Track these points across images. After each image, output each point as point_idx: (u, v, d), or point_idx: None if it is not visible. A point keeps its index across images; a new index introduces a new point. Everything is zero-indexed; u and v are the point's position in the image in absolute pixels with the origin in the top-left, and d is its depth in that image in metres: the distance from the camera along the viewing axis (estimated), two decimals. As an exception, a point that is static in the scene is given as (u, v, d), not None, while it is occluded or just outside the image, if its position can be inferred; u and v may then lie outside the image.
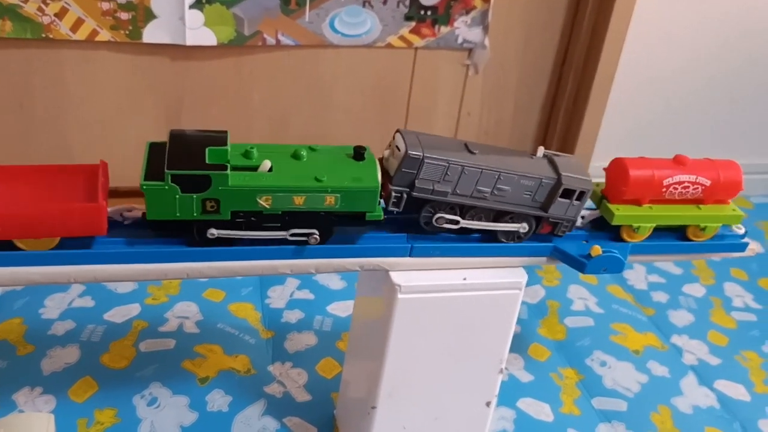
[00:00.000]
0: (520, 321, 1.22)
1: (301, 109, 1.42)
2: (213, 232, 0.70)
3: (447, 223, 0.77)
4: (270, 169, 0.70)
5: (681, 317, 1.29)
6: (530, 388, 1.08)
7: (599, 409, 1.06)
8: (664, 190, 0.84)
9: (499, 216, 0.79)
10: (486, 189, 0.77)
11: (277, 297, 1.20)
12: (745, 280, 1.42)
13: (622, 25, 1.43)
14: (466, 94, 1.50)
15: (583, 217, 0.85)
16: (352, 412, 0.92)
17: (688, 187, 0.85)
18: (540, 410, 1.05)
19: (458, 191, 0.76)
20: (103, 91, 1.29)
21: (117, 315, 1.11)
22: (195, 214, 0.69)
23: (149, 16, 1.23)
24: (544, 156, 0.81)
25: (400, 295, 0.76)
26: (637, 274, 1.39)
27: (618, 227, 0.85)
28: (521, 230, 0.80)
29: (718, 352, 1.21)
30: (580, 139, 1.53)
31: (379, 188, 0.72)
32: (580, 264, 0.80)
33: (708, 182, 0.85)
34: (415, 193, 0.75)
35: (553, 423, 1.03)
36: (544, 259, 0.83)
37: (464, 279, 0.79)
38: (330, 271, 0.76)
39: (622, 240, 0.85)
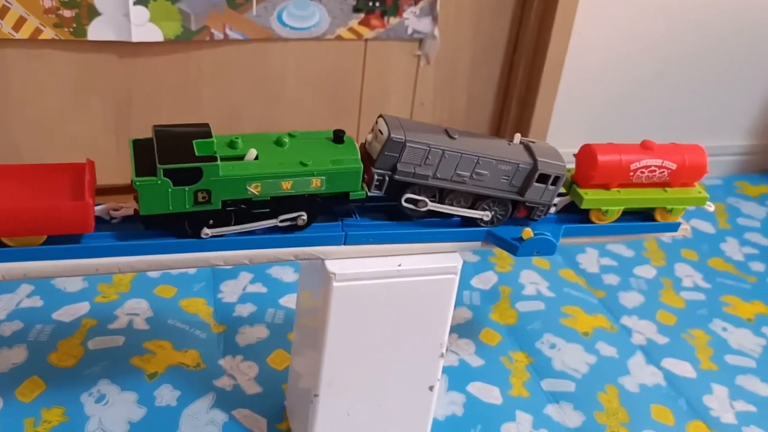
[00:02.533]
0: (472, 307, 1.24)
1: (252, 104, 1.43)
2: (207, 232, 0.73)
3: (423, 206, 0.80)
4: (256, 158, 0.73)
5: (631, 299, 1.31)
6: (480, 373, 1.10)
7: (548, 391, 1.08)
8: (631, 174, 0.87)
9: (477, 200, 0.82)
10: (465, 173, 0.79)
11: (230, 291, 1.20)
12: (695, 260, 1.45)
13: (569, 12, 1.45)
14: (418, 85, 1.51)
15: (555, 204, 0.88)
16: (299, 401, 0.93)
17: (655, 170, 0.87)
18: (489, 393, 1.06)
19: (438, 175, 0.79)
20: (49, 90, 1.28)
21: (65, 314, 1.10)
22: (187, 206, 0.71)
23: (93, 13, 1.22)
24: (521, 142, 0.84)
25: (334, 284, 0.77)
26: (589, 257, 1.41)
27: (587, 211, 0.87)
28: (485, 218, 0.82)
29: (666, 331, 1.24)
30: (532, 127, 1.55)
31: (362, 169, 0.75)
32: (512, 247, 0.82)
33: (674, 166, 0.88)
34: (397, 176, 0.77)
35: (501, 405, 1.04)
36: (478, 243, 0.84)
37: (399, 265, 0.80)
38: (264, 261, 0.77)
39: (591, 222, 0.88)
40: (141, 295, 1.16)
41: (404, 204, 0.80)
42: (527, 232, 0.81)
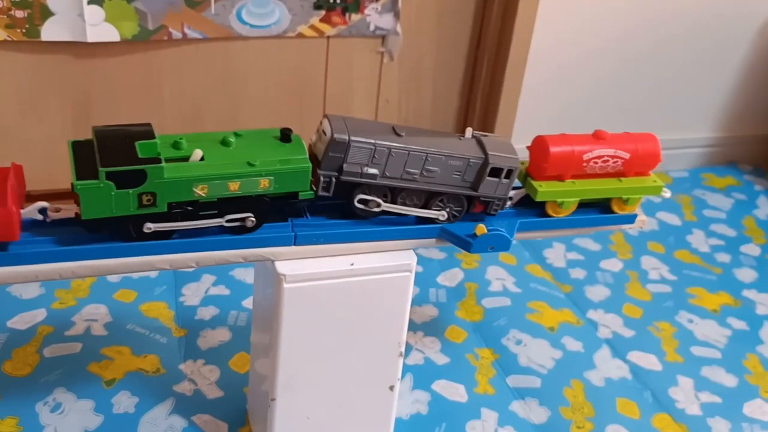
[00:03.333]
0: (438, 304, 1.23)
1: (214, 103, 1.41)
2: (150, 226, 0.71)
3: (376, 206, 0.79)
4: (202, 158, 0.71)
5: (597, 292, 1.31)
6: (446, 370, 1.09)
7: (514, 387, 1.07)
8: (584, 164, 0.86)
9: (431, 197, 0.81)
10: (415, 171, 0.78)
11: (192, 294, 1.18)
12: (661, 253, 1.45)
13: (531, 8, 1.44)
14: (383, 82, 1.50)
15: (511, 198, 0.87)
16: (259, 405, 0.91)
17: (608, 160, 0.87)
18: (455, 391, 1.05)
19: (387, 174, 0.77)
20: (3, 93, 1.26)
21: (20, 321, 1.08)
22: (131, 210, 0.69)
23: (46, 13, 1.20)
24: (473, 137, 0.83)
25: (285, 285, 0.76)
26: (556, 252, 1.41)
27: (544, 204, 0.86)
28: (441, 217, 0.81)
29: (632, 324, 1.24)
30: (498, 123, 1.54)
31: (311, 168, 0.74)
32: (466, 243, 0.81)
33: (627, 155, 0.87)
34: (343, 177, 0.76)
35: (467, 403, 1.03)
36: (433, 240, 0.83)
37: (352, 265, 0.79)
38: (211, 264, 0.75)
39: (548, 216, 0.87)
40: (100, 300, 1.14)
41: (356, 205, 0.78)
42: (480, 228, 0.81)
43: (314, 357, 0.82)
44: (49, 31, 1.22)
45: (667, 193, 0.93)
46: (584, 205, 0.89)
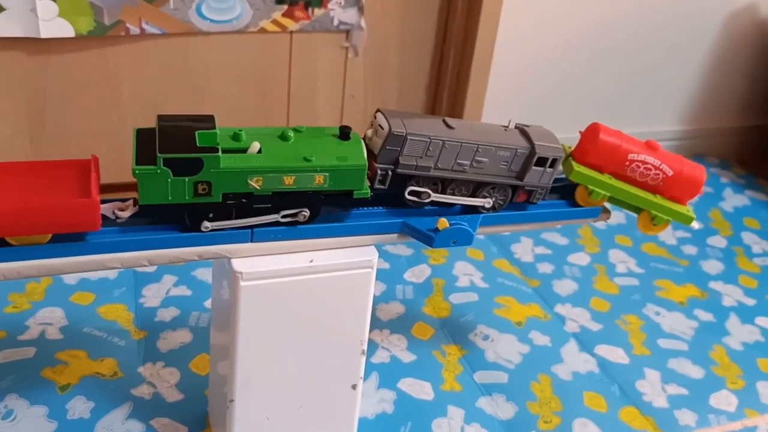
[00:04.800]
0: (405, 301, 1.22)
1: (175, 100, 1.38)
2: (207, 225, 0.72)
3: (427, 197, 0.81)
4: (259, 151, 0.72)
5: (565, 286, 1.30)
6: (412, 368, 1.07)
7: (481, 383, 1.06)
8: (627, 164, 0.85)
9: (478, 187, 0.83)
10: (465, 162, 0.81)
11: (152, 295, 1.15)
12: (629, 246, 1.45)
13: (496, 2, 1.43)
14: (348, 77, 1.48)
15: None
16: (219, 407, 0.89)
17: (651, 170, 0.86)
18: (421, 389, 1.04)
19: (440, 165, 0.80)
20: (-47, 91, 1.22)
21: (-29, 327, 1.05)
22: (187, 198, 0.70)
23: (-4, 8, 1.16)
24: (516, 127, 0.85)
25: (242, 283, 0.74)
26: (524, 246, 1.40)
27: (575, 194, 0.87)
28: (486, 204, 0.83)
29: (600, 317, 1.23)
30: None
31: (366, 166, 0.74)
32: (428, 238, 0.79)
33: (671, 172, 0.87)
34: (399, 170, 0.78)
35: (433, 401, 1.02)
36: (395, 236, 0.81)
37: (311, 261, 0.77)
38: (165, 262, 0.73)
39: (577, 205, 0.88)
40: (56, 304, 1.10)
41: (408, 197, 0.79)
42: (442, 223, 0.79)
43: (273, 357, 0.80)
44: (0, 27, 1.18)
45: (696, 225, 0.94)
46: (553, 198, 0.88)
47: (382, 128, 0.77)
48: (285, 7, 1.34)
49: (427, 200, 0.81)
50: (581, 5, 1.56)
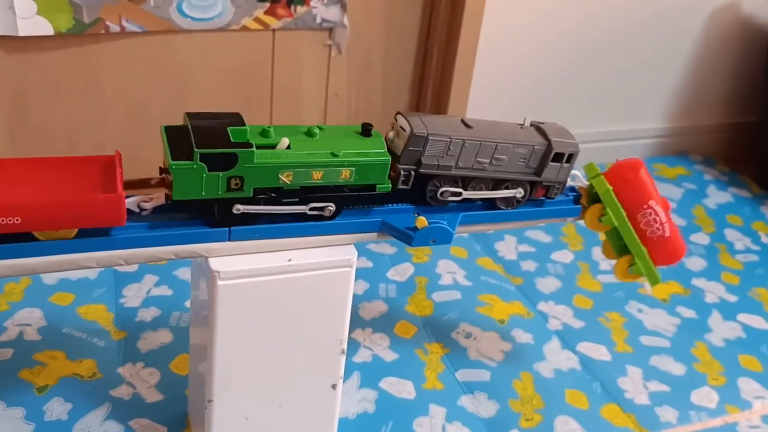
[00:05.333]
0: (387, 299, 1.21)
1: (158, 98, 1.37)
2: (239, 207, 0.73)
3: (452, 195, 0.82)
4: (288, 147, 0.73)
5: (548, 284, 1.30)
6: (394, 367, 1.07)
7: (463, 382, 1.06)
8: (645, 208, 0.88)
9: (497, 184, 0.85)
10: (485, 160, 0.82)
11: (133, 295, 1.15)
12: (612, 243, 1.46)
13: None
14: (331, 75, 1.47)
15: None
16: (198, 408, 0.88)
17: (656, 223, 0.89)
18: (402, 388, 1.04)
19: (460, 164, 0.81)
20: (-70, 90, 1.20)
21: (-51, 328, 1.04)
22: (219, 193, 0.71)
23: (-27, 6, 1.15)
24: (531, 125, 0.87)
25: (219, 282, 0.73)
26: (507, 245, 1.40)
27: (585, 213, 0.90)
28: (517, 195, 0.85)
29: (583, 315, 1.23)
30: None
31: (390, 161, 0.77)
32: (407, 237, 0.79)
33: (668, 234, 0.90)
34: (421, 170, 0.79)
35: (414, 400, 1.02)
36: (374, 234, 0.81)
37: (289, 260, 0.76)
38: (141, 261, 0.72)
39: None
40: (35, 304, 1.09)
41: (438, 197, 0.82)
42: (421, 221, 0.79)
43: (252, 356, 0.80)
44: (-22, 25, 1.17)
45: (648, 290, 1.01)
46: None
47: (404, 130, 0.79)
48: (267, 4, 1.34)
49: (451, 198, 0.82)
50: (565, 3, 1.56)
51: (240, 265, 0.74)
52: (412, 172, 0.79)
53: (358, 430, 0.96)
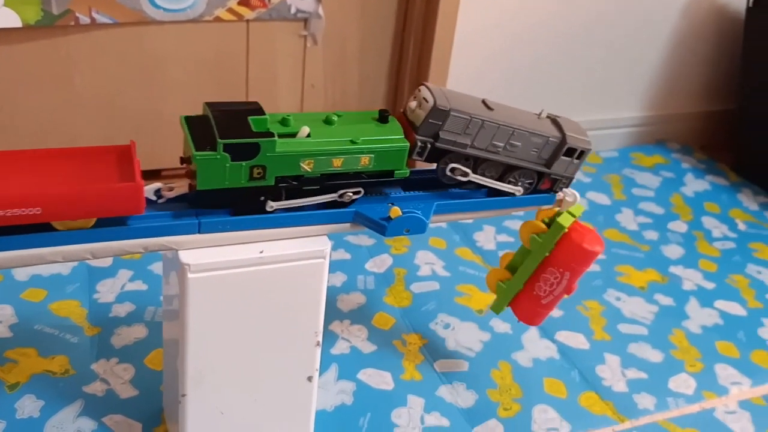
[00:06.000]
0: (366, 291, 1.21)
1: (131, 91, 1.35)
2: (272, 205, 0.74)
3: (460, 174, 0.82)
4: (308, 135, 0.74)
5: (527, 273, 1.30)
6: (372, 359, 1.07)
7: (441, 372, 1.06)
8: (561, 271, 0.87)
9: (507, 171, 0.85)
10: (500, 144, 0.82)
11: (107, 291, 1.13)
12: (590, 232, 1.46)
13: (455, -12, 1.42)
14: (307, 66, 1.46)
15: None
16: (173, 403, 0.87)
17: (550, 287, 0.89)
18: (381, 379, 1.03)
19: (476, 144, 0.81)
20: None
21: None
22: (242, 182, 0.72)
23: (-62, -3, 1.12)
24: (548, 117, 0.88)
25: (190, 275, 0.72)
26: (486, 234, 1.40)
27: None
28: (522, 187, 0.86)
29: (561, 304, 1.22)
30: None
31: (408, 147, 0.78)
32: (381, 227, 0.78)
33: (543, 301, 0.90)
34: (438, 144, 0.79)
35: (393, 391, 1.01)
36: (347, 225, 0.80)
37: (261, 252, 0.75)
38: (109, 255, 0.71)
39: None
40: (5, 301, 1.07)
41: (448, 173, 0.82)
42: (395, 211, 0.78)
43: (225, 350, 0.78)
44: (-57, 16, 1.14)
45: (483, 312, 1.05)
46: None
47: (427, 101, 0.78)
48: (241, -5, 1.32)
49: (461, 178, 0.82)
50: (542, -8, 1.56)
51: (210, 257, 0.73)
52: (429, 145, 0.79)
53: (336, 422, 0.95)
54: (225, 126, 0.70)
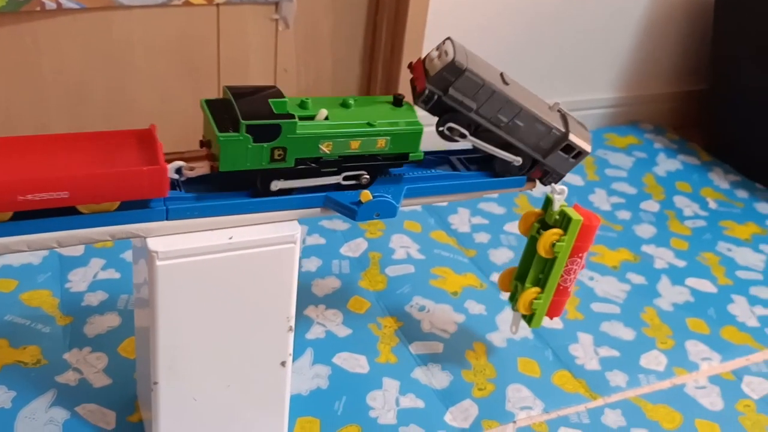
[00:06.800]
0: (341, 276, 1.21)
1: (100, 77, 1.33)
2: (277, 184, 0.75)
3: (458, 135, 0.83)
4: (326, 118, 0.76)
5: (501, 255, 1.31)
6: (347, 342, 1.07)
7: (416, 354, 1.07)
8: (579, 255, 0.90)
9: (504, 148, 0.85)
10: (504, 119, 0.83)
11: (79, 280, 1.12)
12: (564, 213, 1.47)
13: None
14: (279, 50, 1.45)
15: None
16: (146, 390, 0.87)
17: (574, 274, 0.93)
18: (356, 363, 1.04)
19: (481, 112, 0.82)
20: None
21: None
22: (263, 163, 0.73)
23: None
24: (558, 110, 0.88)
25: (158, 262, 0.72)
26: (461, 217, 1.41)
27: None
28: (515, 163, 0.86)
29: (535, 284, 1.24)
30: (401, 90, 1.52)
31: (422, 130, 0.79)
32: (351, 211, 0.78)
33: (570, 289, 0.95)
34: (445, 99, 0.80)
35: (368, 374, 1.02)
36: (318, 210, 0.80)
37: (230, 238, 0.75)
38: (75, 243, 0.70)
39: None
40: (-25, 292, 1.06)
41: (445, 130, 0.82)
42: (365, 195, 0.78)
43: (197, 337, 0.78)
44: None
45: (513, 330, 1.02)
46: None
47: (447, 55, 0.79)
48: (210, -22, 1.30)
49: (458, 138, 0.83)
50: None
51: (179, 244, 0.73)
52: (436, 96, 0.80)
53: (312, 406, 0.96)
54: (247, 108, 0.72)
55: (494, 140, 0.84)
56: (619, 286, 1.28)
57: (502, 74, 0.84)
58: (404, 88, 1.53)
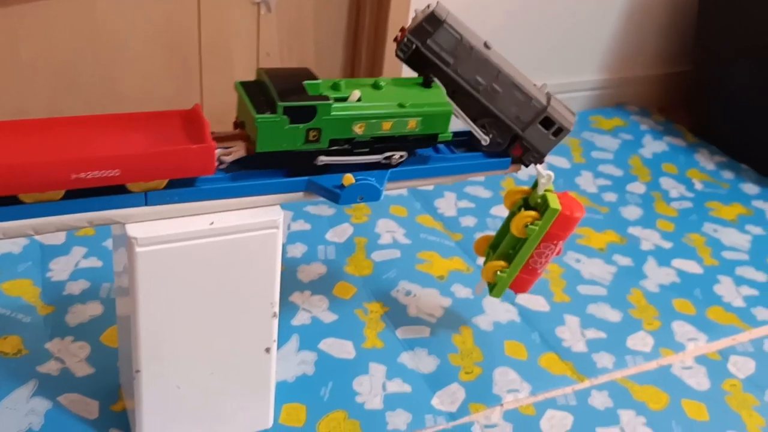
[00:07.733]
0: (326, 261, 1.20)
1: (83, 64, 1.30)
2: (322, 159, 0.76)
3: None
4: (359, 99, 0.76)
5: (487, 239, 1.30)
6: (333, 328, 1.06)
7: (403, 339, 1.06)
8: (554, 242, 0.90)
9: (481, 116, 0.84)
10: (483, 82, 0.82)
11: (60, 269, 1.10)
12: (551, 196, 1.46)
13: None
14: (261, 35, 1.43)
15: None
16: (129, 378, 0.86)
17: (545, 258, 0.92)
18: (342, 349, 1.03)
19: (458, 70, 0.82)
20: None
21: None
22: (298, 144, 0.74)
23: None
24: (546, 92, 0.88)
25: (138, 249, 0.70)
26: (447, 201, 1.40)
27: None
28: (483, 142, 0.85)
29: (521, 268, 1.24)
30: (385, 74, 1.50)
31: (452, 112, 0.80)
32: (334, 195, 0.77)
33: (539, 271, 0.94)
34: (423, 49, 0.80)
35: (354, 359, 1.01)
36: (300, 194, 0.79)
37: (211, 223, 0.74)
38: (53, 230, 0.69)
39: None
40: (-46, 282, 1.05)
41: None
42: (348, 179, 0.77)
43: (179, 324, 0.77)
44: None
45: (477, 291, 1.02)
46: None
47: (428, 7, 0.80)
48: (189, -39, 1.28)
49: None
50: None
51: (159, 230, 0.71)
52: (414, 46, 0.80)
53: (298, 392, 0.95)
54: (283, 90, 0.72)
55: (473, 108, 0.83)
56: (605, 268, 1.27)
57: (485, 42, 0.84)
58: (388, 72, 1.52)
